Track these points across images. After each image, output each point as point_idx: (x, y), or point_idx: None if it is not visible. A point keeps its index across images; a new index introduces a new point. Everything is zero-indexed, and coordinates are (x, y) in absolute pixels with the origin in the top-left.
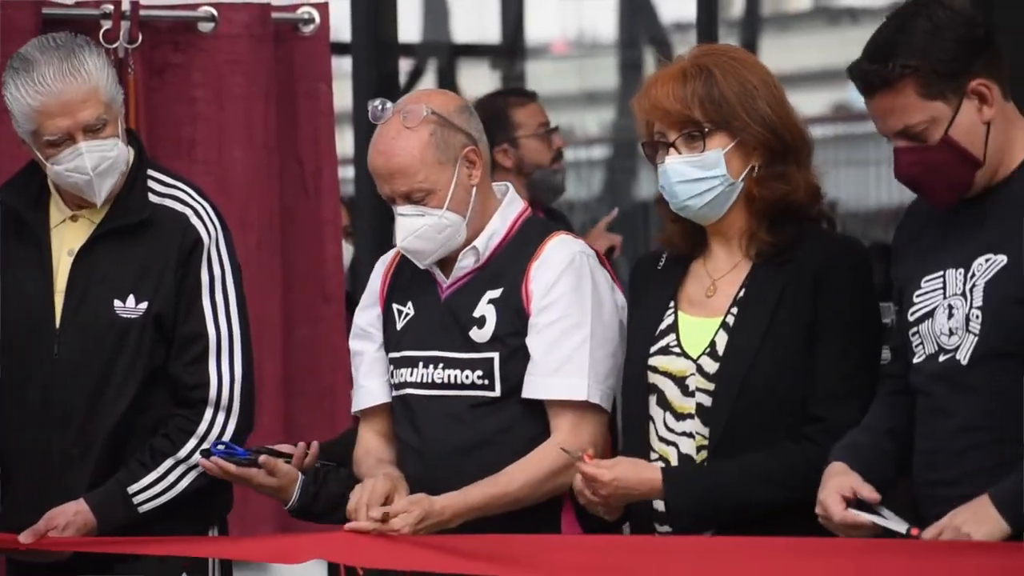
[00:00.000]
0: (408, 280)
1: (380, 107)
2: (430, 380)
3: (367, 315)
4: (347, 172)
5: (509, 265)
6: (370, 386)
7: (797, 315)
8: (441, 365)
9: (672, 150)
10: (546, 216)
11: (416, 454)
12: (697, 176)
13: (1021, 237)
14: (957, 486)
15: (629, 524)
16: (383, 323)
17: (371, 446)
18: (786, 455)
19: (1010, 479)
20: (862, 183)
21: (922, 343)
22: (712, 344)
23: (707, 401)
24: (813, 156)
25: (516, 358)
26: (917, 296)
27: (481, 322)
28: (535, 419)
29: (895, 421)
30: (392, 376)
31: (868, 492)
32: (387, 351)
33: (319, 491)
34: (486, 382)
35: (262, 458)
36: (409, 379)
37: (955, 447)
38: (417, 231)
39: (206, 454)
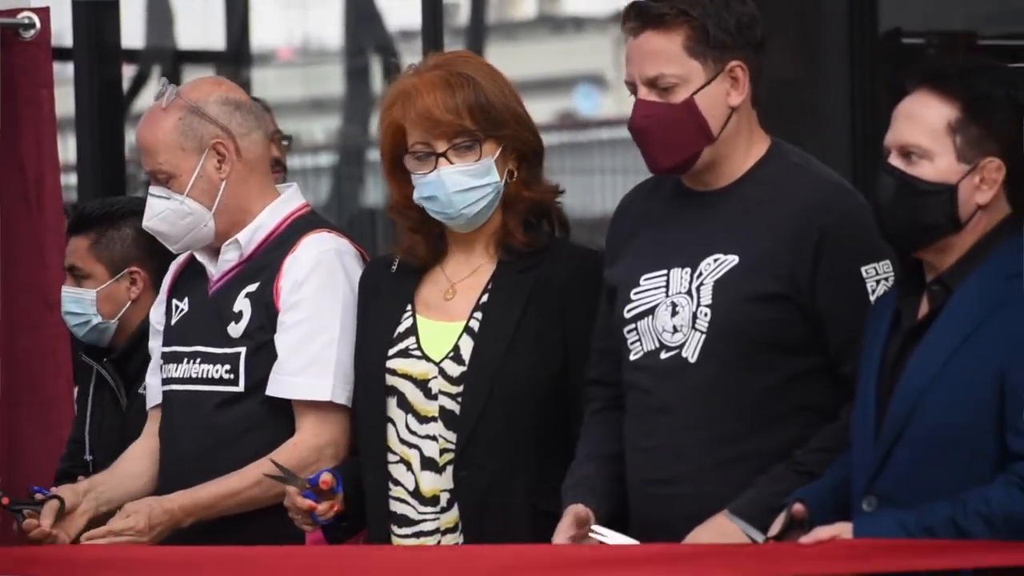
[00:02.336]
0: (189, 276)
1: (163, 89)
2: (188, 376)
3: (156, 312)
4: (70, 179)
5: (269, 260)
6: (153, 383)
7: (544, 324)
8: (199, 360)
9: (444, 160)
10: None
11: (169, 450)
12: (473, 184)
13: (751, 238)
14: (677, 485)
15: None
16: (165, 319)
17: (134, 446)
18: None
19: (747, 493)
20: (587, 191)
21: (640, 340)
22: (456, 348)
23: (451, 405)
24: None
25: (262, 354)
26: (635, 294)
27: (238, 317)
28: (279, 419)
29: (615, 445)
30: (162, 372)
31: (564, 535)
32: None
33: None
34: (232, 377)
35: None
36: (173, 375)
37: (677, 445)
38: (160, 213)
39: None
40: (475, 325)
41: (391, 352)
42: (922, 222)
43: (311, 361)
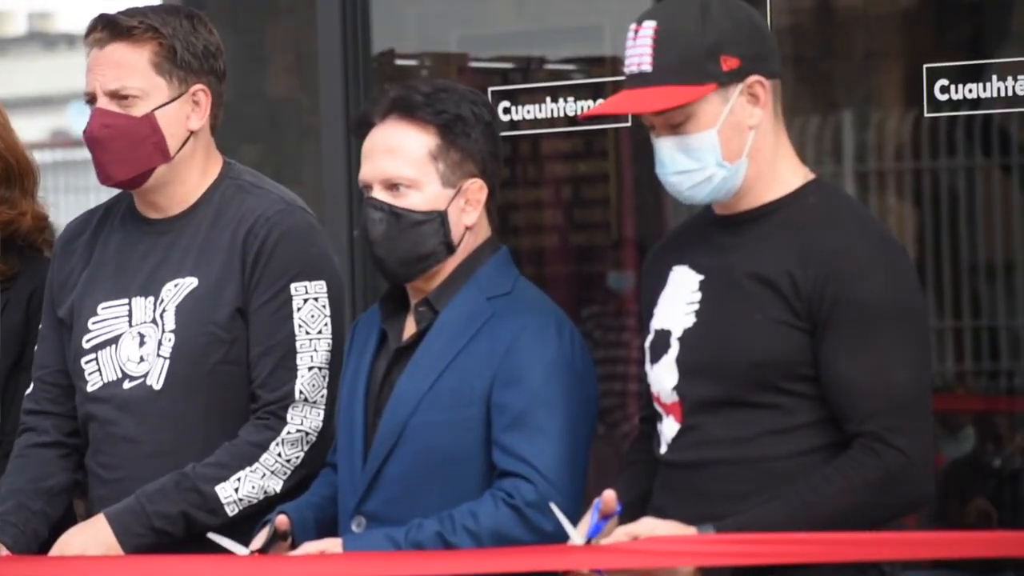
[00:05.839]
0: None
1: None
2: None
3: None
4: None
5: None
6: None
7: (10, 341)
8: None
9: None
10: None
11: None
12: None
13: (208, 260)
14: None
15: None
16: None
17: None
18: None
19: (128, 501)
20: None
21: (99, 370)
22: None
23: None
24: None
25: None
26: (94, 323)
27: None
28: None
29: (49, 480)
30: None
31: None
32: None
33: None
34: None
35: None
36: None
37: (143, 475)
38: None
39: None
40: None
41: None
42: (419, 252)
43: None
